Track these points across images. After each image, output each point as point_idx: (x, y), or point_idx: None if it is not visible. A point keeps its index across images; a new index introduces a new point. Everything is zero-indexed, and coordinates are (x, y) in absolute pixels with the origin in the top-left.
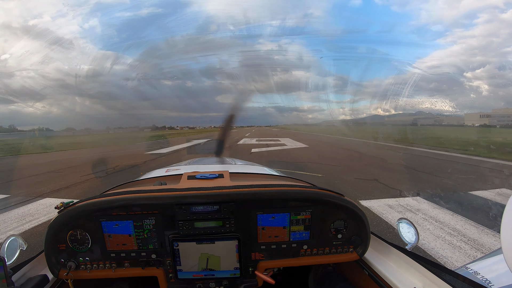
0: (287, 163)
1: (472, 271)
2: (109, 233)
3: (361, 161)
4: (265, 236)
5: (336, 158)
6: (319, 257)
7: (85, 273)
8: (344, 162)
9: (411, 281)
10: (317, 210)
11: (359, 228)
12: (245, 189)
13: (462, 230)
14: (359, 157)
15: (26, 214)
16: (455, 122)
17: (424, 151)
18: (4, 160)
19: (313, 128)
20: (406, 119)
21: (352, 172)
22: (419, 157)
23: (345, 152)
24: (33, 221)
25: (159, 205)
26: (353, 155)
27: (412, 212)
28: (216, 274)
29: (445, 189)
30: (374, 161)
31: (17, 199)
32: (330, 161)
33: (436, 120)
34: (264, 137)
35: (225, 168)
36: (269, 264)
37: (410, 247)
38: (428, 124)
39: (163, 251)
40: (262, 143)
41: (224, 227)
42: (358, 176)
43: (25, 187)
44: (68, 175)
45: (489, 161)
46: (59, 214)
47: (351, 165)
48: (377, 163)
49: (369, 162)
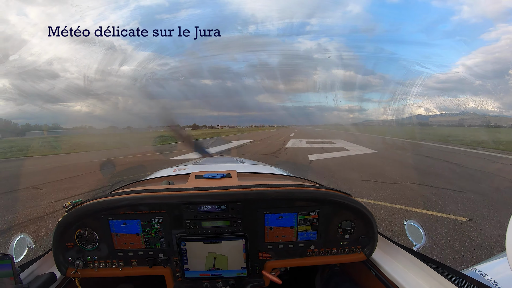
0: (385, 185)
1: (479, 272)
2: (117, 232)
3: (495, 183)
4: (272, 236)
5: (443, 175)
6: (326, 257)
7: (93, 272)
8: (473, 187)
9: (418, 282)
10: (324, 210)
11: (367, 229)
12: (253, 188)
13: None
14: (478, 175)
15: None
16: (503, 123)
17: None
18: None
19: (359, 128)
20: (451, 120)
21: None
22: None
23: (439, 163)
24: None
25: (167, 204)
26: (463, 170)
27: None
28: (223, 274)
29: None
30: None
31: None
32: (443, 181)
33: (483, 120)
34: (312, 138)
35: (232, 167)
36: (276, 264)
37: (418, 248)
38: (475, 125)
39: (170, 250)
40: (315, 147)
41: (232, 227)
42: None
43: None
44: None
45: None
46: (67, 213)
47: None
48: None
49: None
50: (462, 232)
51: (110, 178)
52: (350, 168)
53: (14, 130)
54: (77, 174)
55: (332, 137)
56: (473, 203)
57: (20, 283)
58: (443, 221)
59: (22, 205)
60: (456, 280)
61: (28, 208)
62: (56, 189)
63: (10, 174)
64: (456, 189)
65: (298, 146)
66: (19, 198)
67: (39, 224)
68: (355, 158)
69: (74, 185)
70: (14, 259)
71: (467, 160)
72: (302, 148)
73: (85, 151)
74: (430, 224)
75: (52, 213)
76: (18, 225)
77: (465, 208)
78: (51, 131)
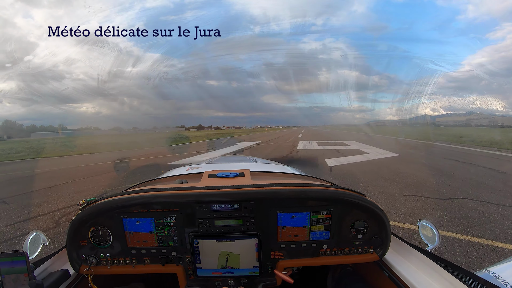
0: (435, 202)
1: (493, 274)
2: (130, 230)
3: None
4: (285, 235)
5: (491, 186)
6: (339, 257)
7: (106, 269)
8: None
9: (431, 283)
10: (337, 210)
11: (380, 229)
12: (266, 188)
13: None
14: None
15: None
16: (510, 123)
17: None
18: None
19: (366, 128)
20: (459, 119)
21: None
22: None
23: (474, 169)
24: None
25: (180, 203)
26: (509, 178)
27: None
28: (235, 272)
29: None
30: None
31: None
32: (499, 196)
33: (491, 120)
34: (322, 139)
35: (246, 166)
36: (289, 263)
37: (431, 249)
38: (483, 125)
39: (183, 249)
40: (329, 149)
41: (244, 226)
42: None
43: None
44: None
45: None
46: (81, 211)
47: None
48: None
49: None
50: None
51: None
52: (380, 176)
53: (20, 131)
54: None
55: (342, 138)
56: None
57: (34, 280)
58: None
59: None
60: (470, 282)
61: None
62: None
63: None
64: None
65: (310, 148)
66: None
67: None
68: (379, 163)
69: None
70: (28, 256)
71: (506, 166)
72: (315, 151)
73: (96, 152)
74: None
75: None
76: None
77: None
78: (56, 132)
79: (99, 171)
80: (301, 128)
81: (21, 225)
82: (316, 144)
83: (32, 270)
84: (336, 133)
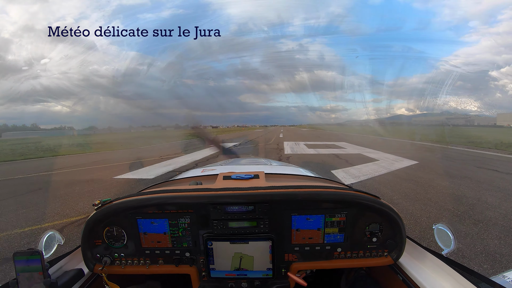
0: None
1: (509, 279)
2: (145, 231)
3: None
4: (299, 237)
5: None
6: (353, 260)
7: (119, 269)
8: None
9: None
10: (352, 213)
11: (395, 232)
12: (280, 190)
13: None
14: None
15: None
16: (485, 123)
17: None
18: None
19: (346, 128)
20: (435, 119)
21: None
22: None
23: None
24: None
25: (194, 204)
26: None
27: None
28: (249, 274)
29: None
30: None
31: None
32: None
33: (467, 120)
34: (308, 140)
35: (260, 168)
36: (302, 266)
37: (447, 253)
38: (460, 124)
39: (196, 250)
40: (324, 154)
41: (258, 228)
42: None
43: None
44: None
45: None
46: (96, 211)
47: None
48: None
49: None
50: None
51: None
52: (440, 207)
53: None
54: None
55: (329, 139)
56: None
57: (49, 278)
58: None
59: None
60: (485, 287)
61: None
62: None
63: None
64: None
65: (301, 152)
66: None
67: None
68: (407, 177)
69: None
70: (44, 255)
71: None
72: (310, 156)
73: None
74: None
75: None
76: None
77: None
78: (29, 131)
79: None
80: (278, 128)
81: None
82: (306, 147)
83: (47, 269)
84: (318, 133)
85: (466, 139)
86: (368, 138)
